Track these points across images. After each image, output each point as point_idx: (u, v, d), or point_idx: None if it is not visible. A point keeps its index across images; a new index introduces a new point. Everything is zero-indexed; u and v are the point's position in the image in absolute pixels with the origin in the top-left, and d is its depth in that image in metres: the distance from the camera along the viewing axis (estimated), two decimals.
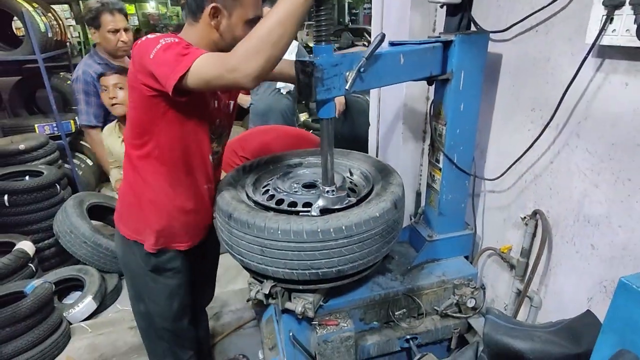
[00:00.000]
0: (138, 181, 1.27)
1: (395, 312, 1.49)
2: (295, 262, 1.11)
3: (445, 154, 1.41)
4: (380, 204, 1.17)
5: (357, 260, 1.15)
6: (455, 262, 1.59)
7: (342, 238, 1.09)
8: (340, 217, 1.11)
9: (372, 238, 1.15)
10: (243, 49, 0.91)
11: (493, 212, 1.56)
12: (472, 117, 1.38)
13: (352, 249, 1.12)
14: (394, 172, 1.41)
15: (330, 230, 1.08)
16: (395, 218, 1.22)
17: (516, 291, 1.44)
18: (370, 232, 1.13)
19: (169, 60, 0.98)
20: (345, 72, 1.04)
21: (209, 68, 0.96)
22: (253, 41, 0.90)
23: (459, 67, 1.28)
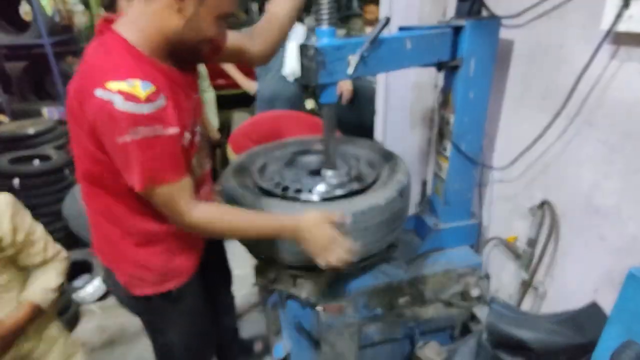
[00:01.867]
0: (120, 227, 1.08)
1: (399, 299, 1.49)
2: (297, 247, 1.12)
3: (453, 142, 1.39)
4: (385, 192, 1.16)
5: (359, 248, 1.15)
6: (460, 252, 1.58)
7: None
8: (341, 203, 1.11)
9: (375, 226, 1.14)
10: (209, 224, 0.99)
11: (500, 202, 1.55)
12: (481, 105, 1.36)
13: (354, 236, 1.11)
14: (400, 160, 1.40)
15: None
16: (400, 207, 1.21)
17: (521, 281, 1.43)
18: (373, 220, 1.13)
19: (135, 164, 0.85)
20: (348, 56, 1.02)
21: (167, 205, 0.94)
22: (224, 227, 1.02)
23: (469, 53, 1.25)
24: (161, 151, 0.87)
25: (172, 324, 1.23)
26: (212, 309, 1.60)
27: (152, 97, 0.82)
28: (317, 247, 1.02)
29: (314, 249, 1.02)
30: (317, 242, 1.02)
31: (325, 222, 1.01)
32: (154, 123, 0.83)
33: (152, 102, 0.82)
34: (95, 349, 2.00)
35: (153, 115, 0.82)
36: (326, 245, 1.01)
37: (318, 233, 1.01)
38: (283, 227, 1.03)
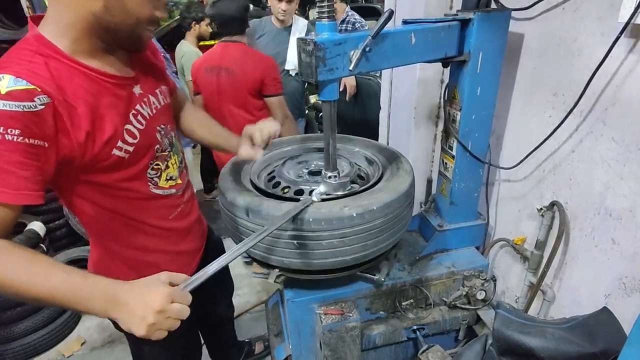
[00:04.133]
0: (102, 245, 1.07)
1: (402, 302, 1.46)
2: (292, 251, 1.08)
3: (459, 140, 1.34)
4: (388, 193, 1.12)
5: (358, 253, 1.11)
6: (465, 253, 1.54)
7: (343, 228, 1.05)
8: (342, 204, 1.06)
9: (377, 228, 1.10)
10: None
11: (507, 202, 1.50)
12: (489, 102, 1.30)
13: (352, 240, 1.07)
14: (404, 159, 1.35)
15: (323, 220, 1.03)
16: (402, 208, 1.17)
17: (529, 284, 1.39)
18: (375, 221, 1.08)
19: None
20: (349, 52, 0.97)
21: None
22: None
23: (477, 47, 1.20)
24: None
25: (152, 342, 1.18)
26: (207, 323, 1.58)
27: (18, 95, 0.70)
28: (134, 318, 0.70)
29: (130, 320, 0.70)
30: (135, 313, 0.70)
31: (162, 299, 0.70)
32: (9, 125, 0.69)
33: (14, 100, 0.70)
34: (96, 348, 1.99)
35: (9, 114, 0.69)
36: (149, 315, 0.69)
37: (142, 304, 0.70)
38: (92, 293, 0.70)
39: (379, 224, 1.09)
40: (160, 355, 1.22)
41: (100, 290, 0.70)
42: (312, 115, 3.87)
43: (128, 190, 0.99)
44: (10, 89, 0.70)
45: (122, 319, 0.70)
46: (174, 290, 0.72)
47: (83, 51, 0.83)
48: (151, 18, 0.87)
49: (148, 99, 1.00)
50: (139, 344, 1.21)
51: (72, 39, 0.81)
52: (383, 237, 1.13)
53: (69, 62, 0.81)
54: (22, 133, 0.70)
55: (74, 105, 0.79)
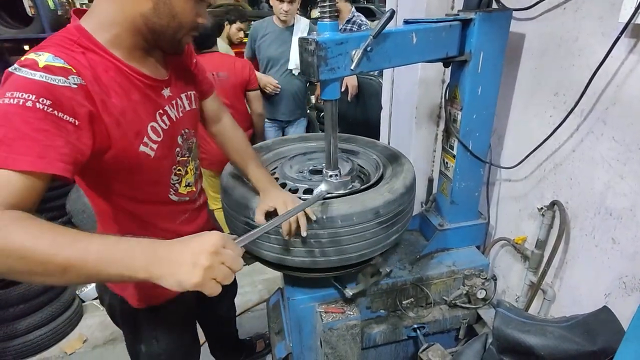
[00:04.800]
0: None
1: (402, 301, 1.46)
2: (292, 249, 1.09)
3: (460, 140, 1.35)
4: (388, 191, 1.13)
5: (356, 251, 1.11)
6: (466, 252, 1.54)
7: (340, 227, 1.05)
8: (339, 203, 1.07)
9: (377, 226, 1.11)
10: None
11: (508, 202, 1.50)
12: (490, 101, 1.31)
13: (350, 239, 1.08)
14: (405, 159, 1.36)
15: (323, 218, 1.04)
16: (404, 206, 1.17)
17: (529, 283, 1.39)
18: (376, 220, 1.09)
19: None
20: (351, 51, 0.98)
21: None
22: (23, 241, 0.59)
23: (478, 47, 1.20)
24: (26, 127, 0.65)
25: (148, 339, 1.17)
26: (208, 322, 1.58)
27: (54, 70, 0.71)
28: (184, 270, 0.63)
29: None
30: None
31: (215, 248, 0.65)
32: (42, 94, 0.68)
33: (50, 74, 0.70)
34: (98, 346, 2.00)
35: (44, 85, 0.68)
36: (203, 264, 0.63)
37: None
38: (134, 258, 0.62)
39: (379, 223, 1.10)
40: (159, 355, 1.20)
41: (140, 247, 0.63)
42: (314, 115, 3.88)
43: (150, 194, 1.00)
44: (48, 63, 0.71)
45: (169, 274, 0.62)
46: (225, 235, 0.68)
47: (122, 48, 0.85)
48: (193, 24, 0.89)
49: (176, 102, 1.00)
50: (136, 342, 1.19)
51: (114, 35, 0.83)
52: (381, 237, 1.14)
53: (106, 56, 0.82)
54: (53, 105, 0.68)
55: (107, 95, 0.80)
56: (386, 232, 1.14)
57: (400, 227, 1.20)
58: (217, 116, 1.22)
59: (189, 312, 1.31)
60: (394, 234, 1.19)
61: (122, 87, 0.84)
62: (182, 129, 1.03)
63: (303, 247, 1.08)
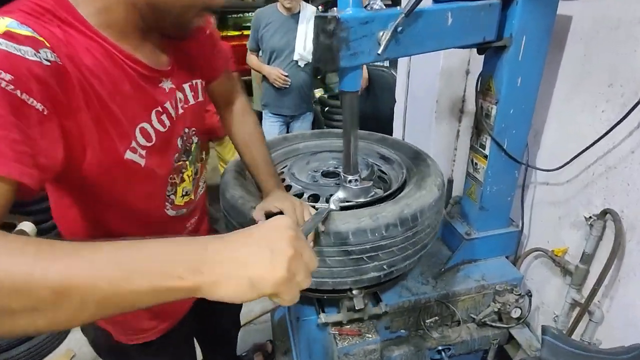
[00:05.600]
0: None
1: (426, 320, 1.30)
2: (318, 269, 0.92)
3: (494, 138, 1.18)
4: (417, 199, 0.96)
5: (377, 271, 0.95)
6: (496, 264, 1.38)
7: (362, 244, 0.89)
8: (365, 213, 0.90)
9: (405, 241, 0.94)
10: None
11: (545, 208, 1.33)
12: (530, 94, 1.14)
13: (381, 256, 0.92)
14: (431, 160, 1.19)
15: (342, 234, 0.88)
16: (434, 216, 1.01)
17: (571, 301, 1.23)
18: (403, 233, 0.92)
19: None
20: (377, 32, 0.81)
21: None
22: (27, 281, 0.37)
23: (520, 31, 1.03)
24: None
25: None
26: (209, 337, 1.42)
27: (19, 38, 0.52)
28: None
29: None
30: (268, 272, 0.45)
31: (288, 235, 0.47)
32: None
33: (13, 42, 0.51)
34: None
35: (3, 54, 0.50)
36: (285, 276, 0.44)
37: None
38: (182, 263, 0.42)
39: (408, 237, 0.94)
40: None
41: (177, 246, 0.43)
42: (318, 109, 3.71)
43: (141, 213, 0.80)
44: (12, 29, 0.52)
45: (231, 275, 0.42)
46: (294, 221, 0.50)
47: (112, 27, 0.65)
48: (206, 4, 0.70)
49: (176, 96, 0.80)
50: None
51: (102, 8, 0.63)
52: (409, 253, 0.97)
53: (90, 33, 0.62)
54: (15, 82, 0.49)
55: (89, 82, 0.61)
56: (416, 245, 0.98)
57: (431, 237, 1.04)
58: (228, 98, 1.02)
59: (188, 343, 1.15)
60: (426, 246, 1.02)
61: (110, 74, 0.65)
62: (183, 128, 0.83)
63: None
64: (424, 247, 1.00)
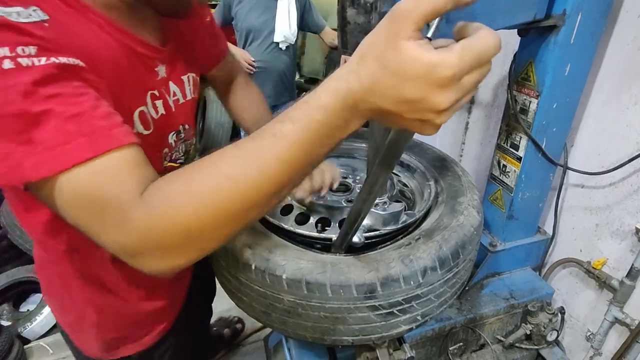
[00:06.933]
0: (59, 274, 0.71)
1: (450, 347, 1.13)
2: (334, 327, 0.70)
3: (532, 137, 0.99)
4: (453, 233, 0.74)
5: (408, 324, 0.73)
6: (523, 277, 1.22)
7: (392, 295, 0.68)
8: (389, 259, 0.69)
9: (439, 290, 0.73)
10: (159, 232, 0.40)
11: (577, 214, 1.18)
12: (578, 84, 0.95)
13: (406, 310, 0.71)
14: (461, 169, 0.98)
15: (367, 285, 0.66)
16: (475, 249, 0.81)
17: (612, 320, 1.09)
18: (439, 281, 0.71)
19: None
20: None
21: (84, 212, 0.42)
22: (177, 228, 0.40)
23: (576, 7, 0.83)
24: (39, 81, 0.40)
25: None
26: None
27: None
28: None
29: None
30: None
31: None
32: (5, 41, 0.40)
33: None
34: None
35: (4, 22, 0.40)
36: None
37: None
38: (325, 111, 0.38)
39: (448, 279, 0.73)
40: None
41: (342, 100, 0.37)
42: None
43: None
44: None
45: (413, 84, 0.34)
46: None
47: (112, 10, 0.56)
48: None
49: (168, 87, 0.69)
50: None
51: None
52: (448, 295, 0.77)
53: (75, 4, 0.51)
54: (40, 49, 0.41)
55: (85, 47, 0.49)
56: (458, 283, 0.78)
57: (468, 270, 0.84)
58: (229, 78, 0.99)
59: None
60: (465, 283, 0.82)
61: (105, 43, 0.54)
62: (179, 124, 0.73)
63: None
64: (463, 285, 0.80)
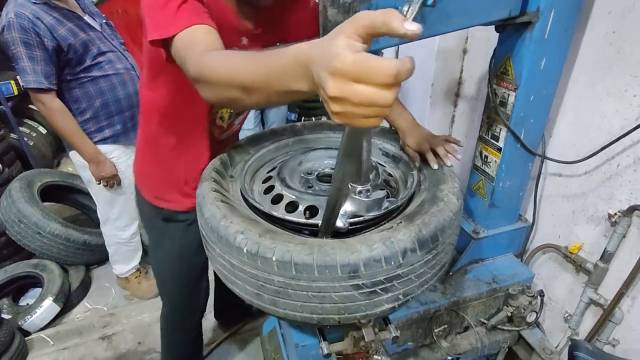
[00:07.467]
0: (144, 128, 1.14)
1: (435, 329, 1.19)
2: (321, 306, 0.75)
3: (510, 129, 1.04)
4: (433, 217, 0.79)
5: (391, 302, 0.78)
6: (505, 263, 1.28)
7: (375, 275, 0.73)
8: (372, 242, 0.73)
9: (420, 270, 0.78)
10: (199, 72, 0.67)
11: (556, 201, 1.23)
12: (553, 78, 1.00)
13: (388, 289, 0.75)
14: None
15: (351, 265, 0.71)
16: (454, 233, 0.86)
17: (587, 301, 1.15)
18: (419, 262, 0.76)
19: (158, 15, 0.75)
20: (402, 7, 0.62)
21: (186, 53, 0.72)
22: (213, 77, 0.65)
23: (549, 4, 0.87)
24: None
25: (161, 244, 1.21)
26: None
27: None
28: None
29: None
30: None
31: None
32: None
33: None
34: None
35: None
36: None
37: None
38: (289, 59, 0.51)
39: (427, 261, 0.78)
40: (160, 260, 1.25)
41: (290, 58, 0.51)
42: None
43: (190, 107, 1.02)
44: None
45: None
46: None
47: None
48: None
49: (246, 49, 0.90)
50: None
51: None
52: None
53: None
54: None
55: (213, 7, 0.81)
56: (439, 263, 0.83)
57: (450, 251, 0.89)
58: None
59: (185, 240, 1.18)
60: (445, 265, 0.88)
61: (223, 8, 0.86)
62: None
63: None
64: (443, 267, 0.85)
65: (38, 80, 1.56)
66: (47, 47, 1.55)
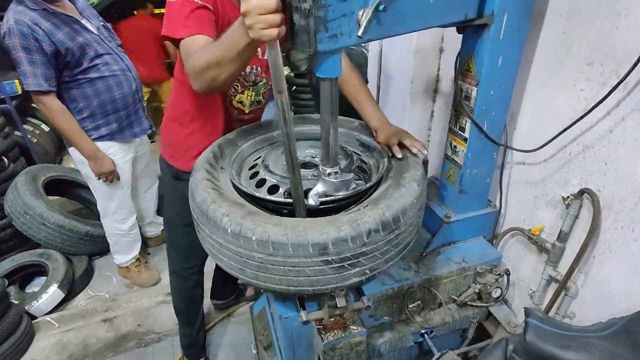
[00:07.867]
0: (173, 100, 1.35)
1: (409, 305, 1.30)
2: (297, 279, 0.86)
3: (474, 120, 1.15)
4: (395, 201, 0.90)
5: (358, 276, 0.89)
6: (475, 245, 1.39)
7: (343, 252, 0.83)
8: (340, 223, 0.84)
9: (383, 248, 0.89)
10: (190, 67, 0.95)
11: (521, 188, 1.34)
12: (510, 74, 1.11)
13: (355, 264, 0.86)
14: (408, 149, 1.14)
15: (321, 244, 0.82)
16: (416, 216, 0.96)
17: (547, 278, 1.26)
18: (382, 241, 0.87)
19: (173, 16, 1.02)
20: (357, 12, 0.73)
21: (187, 55, 0.97)
22: (197, 67, 0.92)
23: (502, 7, 0.98)
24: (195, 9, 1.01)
25: (169, 201, 1.48)
26: None
27: None
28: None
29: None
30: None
31: None
32: None
33: None
34: None
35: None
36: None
37: None
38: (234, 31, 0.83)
39: (390, 240, 0.89)
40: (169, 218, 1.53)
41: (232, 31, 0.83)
42: None
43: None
44: None
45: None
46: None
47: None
48: None
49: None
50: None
51: None
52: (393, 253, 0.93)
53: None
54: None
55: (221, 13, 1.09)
56: (404, 240, 0.94)
57: (414, 237, 1.00)
58: None
59: None
60: (411, 241, 0.98)
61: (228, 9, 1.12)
62: (253, 64, 1.23)
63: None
64: (407, 245, 0.96)
65: (38, 83, 1.67)
66: (46, 51, 1.64)
